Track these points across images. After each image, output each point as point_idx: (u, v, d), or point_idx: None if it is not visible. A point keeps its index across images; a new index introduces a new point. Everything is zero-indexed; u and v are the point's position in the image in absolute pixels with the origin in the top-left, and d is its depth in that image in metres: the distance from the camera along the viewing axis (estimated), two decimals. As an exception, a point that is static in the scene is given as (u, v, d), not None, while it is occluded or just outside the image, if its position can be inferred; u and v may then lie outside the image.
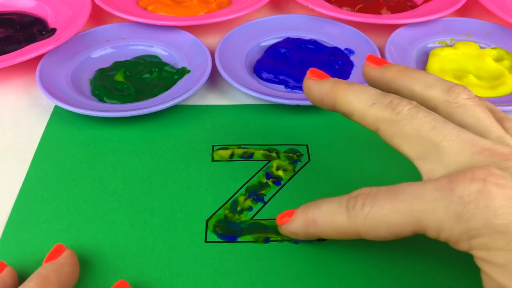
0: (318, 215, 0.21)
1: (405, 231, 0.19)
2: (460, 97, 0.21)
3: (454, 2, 0.42)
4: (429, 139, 0.20)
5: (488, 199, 0.17)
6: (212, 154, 0.30)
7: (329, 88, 0.23)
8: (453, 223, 0.17)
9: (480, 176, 0.17)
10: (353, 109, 0.22)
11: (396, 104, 0.21)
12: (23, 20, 0.41)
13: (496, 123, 0.21)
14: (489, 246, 0.17)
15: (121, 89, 0.34)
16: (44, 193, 0.28)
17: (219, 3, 0.44)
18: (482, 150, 0.19)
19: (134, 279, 0.23)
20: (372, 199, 0.19)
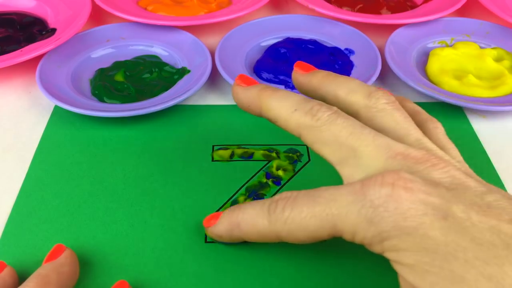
0: (241, 218, 0.22)
1: (322, 235, 0.19)
2: (379, 102, 0.22)
3: (454, 2, 0.42)
4: (347, 145, 0.20)
5: (396, 202, 0.17)
6: (212, 154, 0.30)
7: (255, 95, 0.23)
8: (365, 226, 0.18)
9: (389, 180, 0.18)
10: (276, 115, 0.22)
11: (316, 110, 0.21)
12: (23, 20, 0.41)
13: (414, 126, 0.21)
14: (398, 248, 0.17)
15: (121, 89, 0.34)
16: (44, 193, 0.28)
17: (219, 3, 0.44)
18: (396, 154, 0.19)
19: (134, 279, 0.23)
20: (292, 203, 0.20)
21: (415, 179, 0.18)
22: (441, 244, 0.16)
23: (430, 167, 0.19)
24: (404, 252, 0.17)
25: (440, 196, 0.18)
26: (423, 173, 0.19)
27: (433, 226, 0.17)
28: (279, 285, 0.23)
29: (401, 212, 0.17)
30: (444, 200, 0.17)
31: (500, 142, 0.32)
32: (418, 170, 0.19)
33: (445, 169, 0.19)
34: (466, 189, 0.18)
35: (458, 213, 0.17)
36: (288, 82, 0.35)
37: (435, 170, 0.19)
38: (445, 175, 0.19)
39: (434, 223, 0.17)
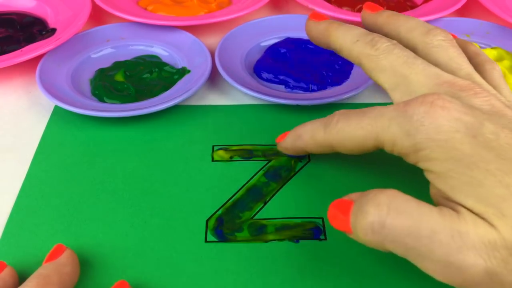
0: (303, 130, 0.25)
1: (367, 145, 0.22)
2: (436, 38, 0.24)
3: (454, 2, 0.42)
4: (400, 72, 0.22)
5: (432, 118, 0.19)
6: (212, 154, 0.30)
7: (324, 28, 0.26)
8: (403, 138, 0.20)
9: (429, 100, 0.19)
10: (341, 45, 0.25)
11: (376, 41, 0.23)
12: (23, 20, 0.41)
13: (467, 62, 0.23)
14: (429, 157, 0.19)
15: (121, 89, 0.34)
16: (44, 193, 0.28)
17: (219, 3, 0.44)
18: (443, 82, 0.21)
19: (134, 279, 0.23)
20: (345, 117, 0.23)
21: (453, 101, 0.19)
22: (467, 155, 0.18)
23: (473, 94, 0.20)
24: (434, 161, 0.19)
25: (474, 116, 0.19)
26: (465, 99, 0.20)
27: (462, 141, 0.18)
28: (279, 285, 0.23)
29: (435, 126, 0.19)
30: (477, 121, 0.19)
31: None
32: (461, 96, 0.20)
33: (486, 98, 0.20)
34: (502, 116, 0.20)
35: (488, 134, 0.18)
36: (288, 82, 0.35)
37: (477, 98, 0.20)
38: (485, 103, 0.20)
39: (464, 138, 0.18)
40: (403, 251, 0.18)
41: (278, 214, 0.26)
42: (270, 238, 0.25)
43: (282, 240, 0.25)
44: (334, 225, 0.20)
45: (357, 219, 0.19)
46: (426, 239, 0.18)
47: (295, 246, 0.25)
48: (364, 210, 0.19)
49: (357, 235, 0.19)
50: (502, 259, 0.17)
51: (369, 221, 0.19)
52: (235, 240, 0.25)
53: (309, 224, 0.26)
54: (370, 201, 0.19)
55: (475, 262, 0.17)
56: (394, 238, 0.18)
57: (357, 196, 0.20)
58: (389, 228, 0.18)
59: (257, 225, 0.26)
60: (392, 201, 0.19)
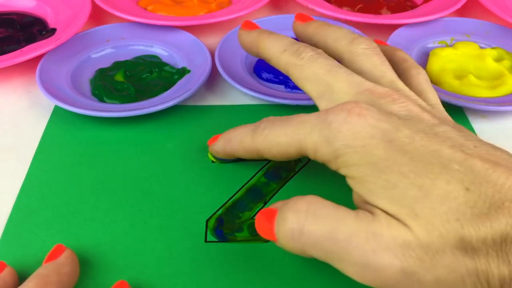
0: (233, 135, 0.25)
1: (291, 151, 0.22)
2: (359, 46, 0.24)
3: (454, 2, 0.42)
4: (324, 81, 0.23)
5: (349, 125, 0.20)
6: (212, 154, 0.30)
7: (255, 37, 0.27)
8: (324, 145, 0.20)
9: (347, 107, 0.20)
10: (269, 55, 0.26)
11: (301, 51, 0.24)
12: (23, 20, 0.41)
13: (390, 69, 0.24)
14: (348, 163, 0.20)
15: (121, 89, 0.34)
16: (44, 193, 0.28)
17: (219, 3, 0.44)
18: (364, 90, 0.22)
19: (134, 279, 0.23)
20: (271, 125, 0.23)
21: (370, 108, 0.20)
22: (382, 159, 0.19)
23: (390, 101, 0.21)
24: (352, 166, 0.20)
25: (390, 123, 0.20)
26: (383, 106, 0.21)
27: (378, 146, 0.19)
28: (279, 285, 0.23)
29: (352, 133, 0.19)
30: (392, 126, 0.20)
31: (500, 142, 0.32)
32: (379, 103, 0.21)
33: (404, 104, 0.21)
34: (419, 120, 0.20)
35: (403, 138, 0.19)
36: (288, 82, 0.35)
37: (395, 104, 0.21)
38: (402, 108, 0.21)
39: (379, 143, 0.19)
40: (323, 255, 0.19)
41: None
42: (270, 238, 0.25)
43: (282, 240, 0.25)
44: (261, 234, 0.21)
45: (279, 226, 0.20)
46: (343, 242, 0.18)
47: (295, 246, 0.25)
48: (284, 217, 0.19)
49: (280, 243, 0.20)
50: (418, 258, 0.17)
51: (288, 228, 0.19)
52: (235, 240, 0.25)
53: (309, 224, 0.26)
54: (290, 208, 0.19)
55: (391, 262, 0.17)
56: (314, 244, 0.19)
57: (281, 203, 0.20)
58: (308, 233, 0.19)
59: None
60: (310, 207, 0.19)
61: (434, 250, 0.17)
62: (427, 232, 0.17)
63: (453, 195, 0.18)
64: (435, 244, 0.17)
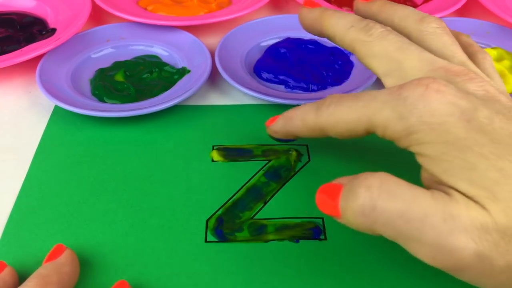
0: (294, 113, 0.25)
1: (359, 128, 0.21)
2: (430, 25, 0.23)
3: (454, 2, 0.42)
4: (394, 58, 0.22)
5: (426, 101, 0.19)
6: (211, 154, 0.30)
7: (318, 15, 0.26)
8: (396, 121, 0.19)
9: (424, 82, 0.19)
10: (335, 32, 0.25)
11: (370, 27, 0.23)
12: (23, 20, 0.41)
13: (461, 50, 0.23)
14: (422, 141, 0.19)
15: (121, 89, 0.34)
16: (44, 193, 0.28)
17: (219, 3, 0.44)
18: (438, 68, 0.21)
19: (134, 279, 0.23)
20: (337, 101, 0.22)
21: (448, 85, 0.19)
22: (461, 139, 0.18)
23: (467, 80, 0.20)
24: (426, 144, 0.19)
25: (469, 101, 0.19)
26: (459, 84, 0.20)
27: (456, 125, 0.18)
28: (279, 285, 0.23)
29: (429, 109, 0.18)
30: (471, 105, 0.19)
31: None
32: (456, 81, 0.20)
33: (481, 84, 0.20)
34: (496, 101, 0.20)
35: (482, 118, 0.18)
36: (288, 82, 0.35)
37: (471, 83, 0.20)
38: (479, 88, 0.20)
39: (458, 122, 0.18)
40: (394, 234, 0.18)
41: (278, 214, 0.26)
42: (270, 238, 0.25)
43: (282, 240, 0.25)
44: (322, 210, 0.20)
45: (347, 202, 0.19)
46: (418, 222, 0.18)
47: (295, 246, 0.25)
48: (355, 192, 0.19)
49: (347, 219, 0.19)
50: (494, 242, 0.17)
51: (359, 204, 0.18)
52: (235, 240, 0.25)
53: (309, 224, 0.26)
54: (361, 183, 0.19)
55: (466, 245, 0.17)
56: (385, 221, 0.18)
57: (347, 179, 0.20)
58: (380, 210, 0.18)
59: (257, 225, 0.26)
60: (383, 183, 0.18)
61: (511, 235, 0.17)
62: (505, 216, 0.17)
63: None
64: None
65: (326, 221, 0.26)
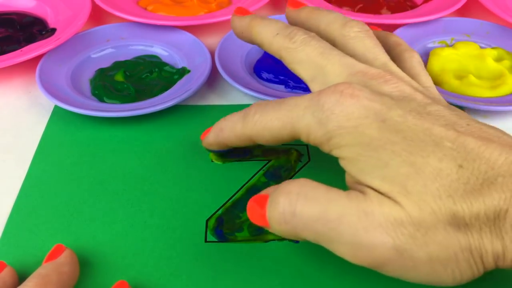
0: (224, 124, 0.25)
1: (284, 135, 0.22)
2: (352, 30, 0.24)
3: (454, 2, 0.42)
4: (317, 63, 0.23)
5: (342, 106, 0.19)
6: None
7: (247, 23, 0.27)
8: (317, 127, 0.20)
9: (339, 89, 0.20)
10: (262, 39, 0.25)
11: (293, 34, 0.24)
12: (23, 20, 0.41)
13: (383, 52, 0.24)
14: (340, 144, 0.20)
15: (121, 89, 0.34)
16: (44, 193, 0.28)
17: (219, 3, 0.44)
18: (357, 72, 0.22)
19: (134, 279, 0.23)
20: (262, 109, 0.23)
21: (363, 89, 0.20)
22: (375, 139, 0.19)
23: (383, 82, 0.21)
24: (344, 147, 0.19)
25: (383, 103, 0.20)
26: (375, 87, 0.21)
27: (371, 126, 0.19)
28: (279, 285, 0.23)
29: (345, 114, 0.19)
30: (385, 107, 0.19)
31: (500, 142, 0.32)
32: (372, 84, 0.21)
33: (396, 84, 0.21)
34: (411, 100, 0.20)
35: (395, 117, 0.19)
36: (288, 82, 0.35)
37: (387, 85, 0.21)
38: (395, 89, 0.21)
39: (372, 124, 0.19)
40: (315, 237, 0.19)
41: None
42: (270, 238, 0.25)
43: (282, 240, 0.25)
44: (253, 220, 0.21)
45: (270, 210, 0.20)
46: (334, 222, 0.18)
47: (295, 246, 0.25)
48: (276, 200, 0.19)
49: (273, 227, 0.20)
50: (410, 235, 0.17)
51: (280, 211, 0.19)
52: (235, 240, 0.25)
53: (309, 224, 0.26)
54: (282, 191, 0.19)
55: (383, 240, 0.17)
56: (305, 225, 0.19)
57: (273, 188, 0.20)
58: (299, 215, 0.19)
59: (257, 225, 0.26)
60: (302, 189, 0.19)
61: (426, 227, 0.17)
62: (419, 209, 0.17)
63: (446, 172, 0.18)
64: (427, 221, 0.17)
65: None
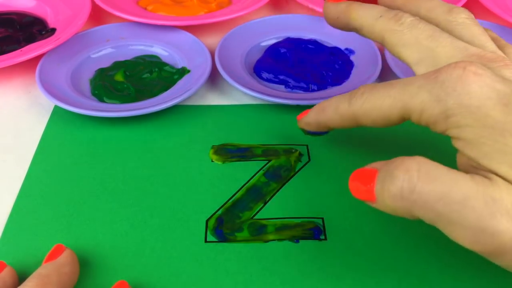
0: (327, 104, 0.24)
1: (394, 114, 0.21)
2: (459, 16, 0.23)
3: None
4: (426, 46, 0.22)
5: (464, 84, 0.18)
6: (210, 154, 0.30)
7: (344, 7, 0.26)
8: (433, 104, 0.19)
9: (461, 65, 0.19)
10: (363, 22, 0.24)
11: (400, 16, 0.23)
12: (23, 20, 0.41)
13: (490, 40, 0.23)
14: (460, 124, 0.18)
15: (121, 89, 0.34)
16: (44, 193, 0.28)
17: (219, 3, 0.44)
18: (472, 55, 0.21)
19: (134, 279, 0.23)
20: (371, 89, 0.22)
21: (485, 69, 0.19)
22: (500, 122, 0.18)
23: (503, 66, 0.20)
24: (465, 127, 0.18)
25: (506, 86, 0.19)
26: (495, 70, 0.20)
27: (495, 108, 0.18)
28: (279, 285, 0.23)
29: (467, 92, 0.18)
30: (509, 89, 0.18)
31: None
32: (491, 67, 0.20)
33: None
34: None
35: None
36: (288, 82, 0.35)
37: (507, 69, 0.20)
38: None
39: (496, 105, 0.18)
40: (433, 217, 0.18)
41: (278, 214, 0.26)
42: (270, 238, 0.25)
43: (282, 240, 0.25)
44: (356, 195, 0.20)
45: (384, 185, 0.19)
46: (458, 204, 0.17)
47: (295, 246, 0.25)
48: (393, 175, 0.18)
49: (383, 203, 0.19)
50: None
51: (398, 186, 0.18)
52: (235, 240, 0.25)
53: (309, 224, 0.26)
54: (399, 166, 0.18)
55: (509, 228, 0.17)
56: (424, 204, 0.18)
57: (381, 164, 0.20)
58: (419, 193, 0.18)
59: (257, 225, 0.26)
60: (422, 166, 0.18)
61: None
62: None
63: None
64: None
65: (326, 221, 0.26)
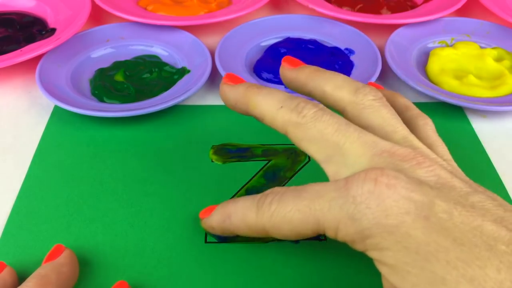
0: (233, 210, 0.22)
1: (306, 230, 0.19)
2: (366, 98, 0.22)
3: (454, 2, 0.42)
4: (332, 141, 0.20)
5: (378, 199, 0.17)
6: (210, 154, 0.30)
7: (242, 93, 0.23)
8: (347, 223, 0.17)
9: (372, 176, 0.17)
10: (263, 112, 0.22)
11: (302, 107, 0.21)
12: (23, 20, 0.41)
13: (401, 123, 0.21)
14: (380, 247, 0.17)
15: (121, 89, 0.34)
16: (44, 193, 0.28)
17: (219, 3, 0.44)
18: (382, 152, 0.19)
19: (134, 279, 0.23)
20: (279, 198, 0.20)
21: (398, 176, 0.17)
22: (422, 244, 0.16)
23: (416, 165, 0.19)
24: (385, 251, 0.17)
25: (423, 194, 0.17)
26: (408, 171, 0.19)
27: (414, 225, 0.16)
28: (279, 285, 0.23)
29: (383, 209, 0.17)
30: (427, 199, 0.17)
31: (500, 142, 0.32)
32: (404, 168, 0.19)
33: (431, 168, 0.19)
34: (451, 188, 0.18)
35: (440, 213, 0.17)
36: (288, 82, 0.35)
37: (421, 168, 0.19)
38: (430, 174, 0.18)
39: (415, 222, 0.17)
40: None
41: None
42: (270, 238, 0.25)
43: (282, 240, 0.25)
44: None
45: None
46: None
47: (295, 246, 0.25)
48: None
49: None
50: None
51: None
52: (235, 240, 0.25)
53: (309, 224, 0.26)
54: None
55: None
56: None
57: None
58: None
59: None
60: None
61: None
62: None
63: (506, 285, 0.15)
64: None
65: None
